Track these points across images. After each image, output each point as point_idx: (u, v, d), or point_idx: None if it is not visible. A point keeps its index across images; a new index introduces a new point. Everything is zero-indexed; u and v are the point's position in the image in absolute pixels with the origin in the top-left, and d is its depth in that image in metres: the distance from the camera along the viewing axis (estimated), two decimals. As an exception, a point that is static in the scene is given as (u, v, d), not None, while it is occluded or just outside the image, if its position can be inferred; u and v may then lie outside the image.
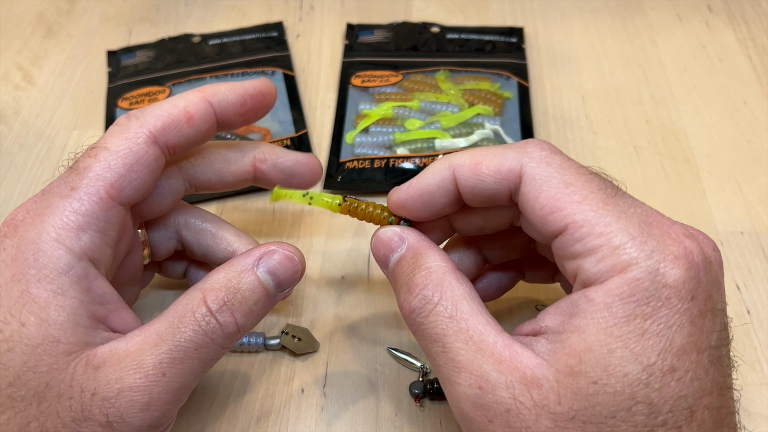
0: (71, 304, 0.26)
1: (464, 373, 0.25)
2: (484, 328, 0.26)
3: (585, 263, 0.25)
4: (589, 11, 0.57)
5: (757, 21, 0.56)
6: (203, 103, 0.31)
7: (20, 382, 0.25)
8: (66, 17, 0.58)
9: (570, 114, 0.50)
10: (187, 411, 0.35)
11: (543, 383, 0.24)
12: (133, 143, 0.29)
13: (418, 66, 0.52)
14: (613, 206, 0.25)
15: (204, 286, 0.28)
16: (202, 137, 0.31)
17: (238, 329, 0.28)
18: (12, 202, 0.45)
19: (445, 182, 0.29)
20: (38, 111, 0.51)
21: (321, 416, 0.35)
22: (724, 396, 0.24)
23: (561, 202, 0.26)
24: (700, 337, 0.24)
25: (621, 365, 0.23)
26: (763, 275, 0.40)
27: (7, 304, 0.26)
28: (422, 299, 0.27)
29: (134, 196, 0.29)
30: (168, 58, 0.53)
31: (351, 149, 0.47)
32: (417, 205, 0.30)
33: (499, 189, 0.28)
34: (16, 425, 0.26)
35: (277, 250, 0.29)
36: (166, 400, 0.27)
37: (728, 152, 0.47)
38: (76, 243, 0.27)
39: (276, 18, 0.57)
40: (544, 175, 0.26)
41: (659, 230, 0.25)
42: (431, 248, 0.29)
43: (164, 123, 0.30)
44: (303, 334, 0.37)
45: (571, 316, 0.25)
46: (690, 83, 0.51)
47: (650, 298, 0.24)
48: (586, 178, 0.26)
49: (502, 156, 0.27)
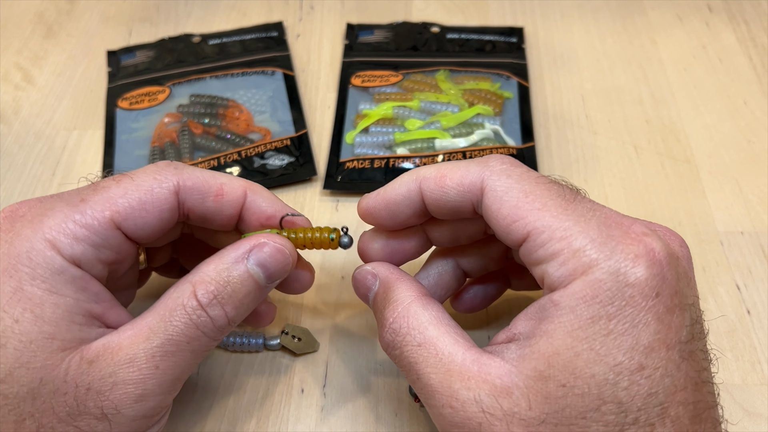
0: (66, 302, 0.26)
1: (437, 396, 0.26)
2: (453, 348, 0.27)
3: (549, 268, 0.25)
4: (589, 11, 0.57)
5: (757, 21, 0.56)
6: (240, 191, 0.31)
7: (13, 379, 0.25)
8: (66, 17, 0.58)
9: (570, 114, 0.49)
10: (187, 411, 0.35)
11: (513, 390, 0.25)
12: (158, 186, 0.29)
13: (418, 66, 0.52)
14: (572, 211, 0.26)
15: (194, 279, 0.28)
16: (220, 218, 0.31)
17: (229, 322, 0.29)
18: (12, 202, 0.45)
19: (411, 193, 0.30)
20: (38, 111, 0.51)
21: (321, 416, 0.35)
22: (700, 391, 0.25)
23: (522, 211, 0.26)
24: (669, 334, 0.24)
25: (587, 367, 0.24)
26: (763, 275, 0.40)
27: (1, 300, 0.26)
28: (392, 333, 0.28)
29: (136, 232, 0.29)
30: (168, 58, 0.53)
31: (351, 149, 0.47)
32: (383, 214, 0.31)
33: (462, 201, 0.28)
34: (10, 422, 0.26)
35: (267, 243, 0.29)
36: (160, 390, 0.27)
37: (728, 152, 0.47)
38: (69, 250, 0.27)
39: (276, 18, 0.57)
40: (504, 186, 0.27)
41: (619, 231, 0.25)
42: (399, 279, 0.30)
43: (195, 185, 0.30)
44: (303, 334, 0.37)
45: (539, 321, 0.25)
46: (690, 83, 0.51)
47: (613, 298, 0.24)
48: (545, 186, 0.27)
49: (465, 170, 0.28)
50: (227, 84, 0.51)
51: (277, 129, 0.48)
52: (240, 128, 0.48)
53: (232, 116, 0.49)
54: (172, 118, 0.49)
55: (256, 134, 0.48)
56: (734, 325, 0.38)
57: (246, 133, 0.48)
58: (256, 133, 0.48)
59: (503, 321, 0.38)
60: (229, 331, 0.29)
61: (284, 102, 0.50)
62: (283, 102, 0.50)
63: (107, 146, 0.48)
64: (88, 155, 0.47)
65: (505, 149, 0.45)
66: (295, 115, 0.49)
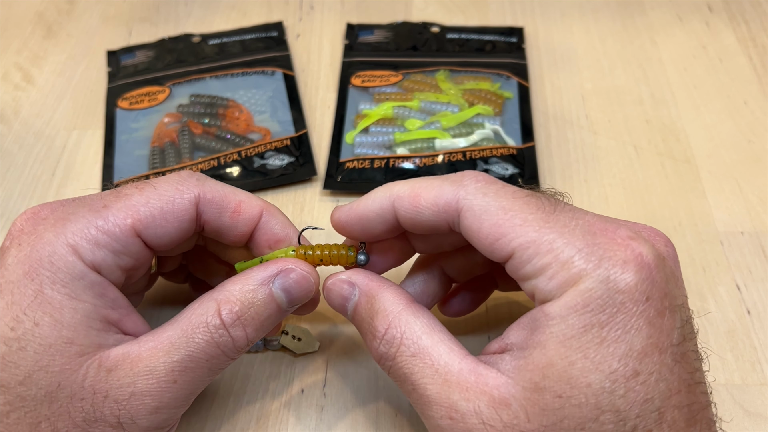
0: (85, 308, 0.27)
1: (435, 407, 0.26)
2: (448, 357, 0.26)
3: (539, 283, 0.25)
4: (589, 11, 0.57)
5: (758, 21, 0.56)
6: (257, 211, 0.31)
7: (31, 381, 0.25)
8: (66, 17, 0.58)
9: (570, 114, 0.49)
10: (187, 411, 0.34)
11: (511, 402, 0.24)
12: (179, 196, 0.29)
13: (418, 66, 0.52)
14: (554, 222, 0.26)
15: (219, 297, 0.28)
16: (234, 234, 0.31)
17: (248, 343, 0.29)
18: (12, 202, 0.45)
19: (384, 211, 0.29)
20: (38, 111, 0.51)
21: (321, 416, 0.35)
22: (694, 392, 0.25)
23: (503, 228, 0.26)
24: (661, 337, 0.24)
25: (583, 376, 0.23)
26: (763, 275, 0.40)
27: (21, 302, 0.26)
28: (386, 344, 0.28)
29: (155, 241, 0.29)
30: (168, 58, 0.53)
31: (351, 149, 0.47)
32: (356, 228, 0.30)
33: (437, 221, 0.28)
34: (26, 425, 0.26)
35: (295, 269, 0.30)
36: (175, 405, 0.27)
37: (728, 152, 0.47)
38: (90, 255, 0.27)
39: (276, 18, 0.57)
40: (482, 205, 0.27)
41: (604, 238, 0.25)
42: (382, 287, 0.29)
43: (214, 198, 0.30)
44: (303, 334, 0.37)
45: (532, 332, 0.25)
46: (690, 83, 0.51)
47: (605, 306, 0.24)
48: (523, 200, 0.27)
49: (439, 189, 0.28)
50: (227, 84, 0.51)
51: (277, 129, 0.48)
52: (240, 128, 0.48)
53: (232, 116, 0.49)
54: (172, 118, 0.49)
55: (256, 134, 0.48)
56: (734, 325, 0.38)
57: (246, 133, 0.48)
58: (256, 133, 0.48)
59: (503, 325, 0.38)
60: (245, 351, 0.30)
61: (284, 102, 0.50)
62: (283, 102, 0.50)
63: (107, 146, 0.47)
64: (88, 155, 0.47)
65: (505, 149, 0.45)
66: (295, 115, 0.49)
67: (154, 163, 0.46)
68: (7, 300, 0.26)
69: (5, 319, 0.26)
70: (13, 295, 0.26)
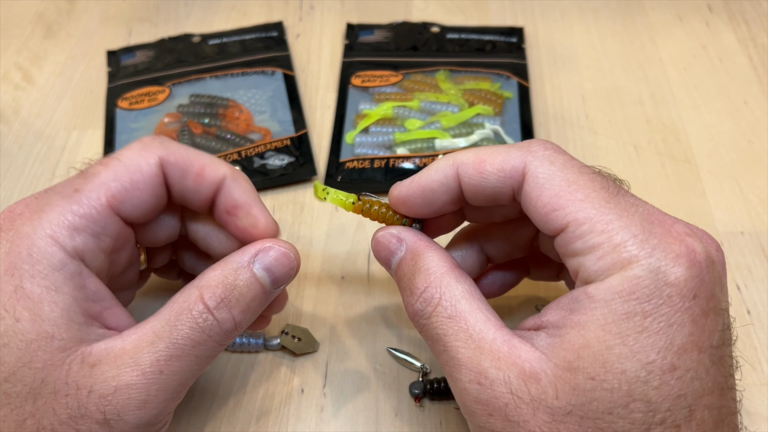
0: (65, 300, 0.26)
1: (464, 370, 0.26)
2: (483, 326, 0.26)
3: (586, 261, 0.25)
4: (589, 11, 0.57)
5: (758, 21, 0.56)
6: (219, 175, 0.30)
7: (16, 378, 0.25)
8: (66, 17, 0.58)
9: (570, 114, 0.49)
10: (186, 411, 0.35)
11: (541, 377, 0.24)
12: (145, 162, 0.29)
13: (418, 66, 0.52)
14: (615, 204, 0.25)
15: (200, 284, 0.28)
16: (198, 199, 0.30)
17: (236, 326, 0.28)
18: (12, 202, 0.44)
19: (448, 179, 0.29)
20: (38, 111, 0.51)
21: (321, 416, 0.35)
22: (725, 396, 0.24)
23: (563, 200, 0.26)
24: (702, 336, 0.24)
25: (619, 362, 0.23)
26: (763, 275, 0.40)
27: (1, 299, 0.26)
28: (423, 302, 0.28)
29: (133, 213, 0.29)
30: (168, 58, 0.53)
31: (351, 149, 0.47)
32: (418, 202, 0.30)
33: (503, 187, 0.28)
34: (12, 422, 0.25)
35: (273, 247, 0.29)
36: (164, 397, 0.27)
37: (728, 152, 0.47)
38: (70, 242, 0.27)
39: (276, 18, 0.57)
40: (547, 173, 0.26)
41: (661, 228, 0.25)
42: (429, 248, 0.29)
43: (178, 161, 0.29)
44: (303, 334, 0.37)
45: (571, 312, 0.25)
46: (690, 83, 0.51)
47: (651, 296, 0.23)
48: (589, 176, 0.26)
49: (506, 154, 0.27)
50: (227, 84, 0.51)
51: (277, 129, 0.48)
52: (240, 128, 0.48)
53: (232, 116, 0.49)
54: (172, 118, 0.49)
55: (256, 134, 0.48)
56: (734, 325, 0.37)
57: (246, 133, 0.48)
58: (256, 133, 0.48)
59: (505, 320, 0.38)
60: (235, 337, 0.29)
61: (284, 102, 0.50)
62: (283, 102, 0.50)
63: (107, 146, 0.47)
64: (88, 155, 0.47)
65: (505, 149, 0.45)
66: (295, 115, 0.49)
67: (154, 163, 0.46)
68: None
69: None
70: None
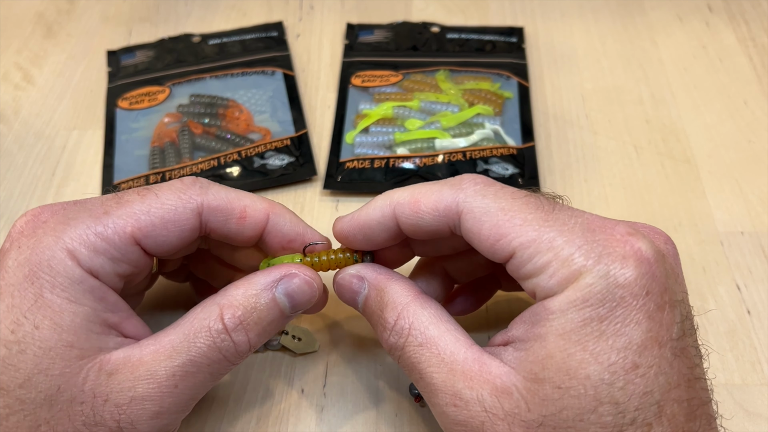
0: (85, 311, 0.26)
1: (441, 394, 0.26)
2: (454, 347, 0.27)
3: (540, 281, 0.25)
4: (589, 11, 0.57)
5: (758, 21, 0.56)
6: (263, 214, 0.31)
7: (31, 385, 0.25)
8: (66, 17, 0.58)
9: (570, 114, 0.49)
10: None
11: (512, 391, 0.25)
12: (182, 206, 0.29)
13: (418, 66, 0.52)
14: (554, 221, 0.26)
15: (222, 302, 0.28)
16: (242, 239, 0.31)
17: (250, 348, 0.29)
18: (12, 202, 0.45)
19: (385, 218, 0.29)
20: (38, 111, 0.51)
21: (321, 416, 0.35)
22: (693, 387, 0.25)
23: (504, 229, 0.26)
24: (660, 331, 0.24)
25: (582, 368, 0.24)
26: (763, 275, 0.40)
27: (21, 305, 0.26)
28: (396, 335, 0.28)
29: (155, 249, 0.29)
30: (168, 58, 0.53)
31: (351, 149, 0.47)
32: (359, 238, 0.30)
33: (439, 225, 0.28)
34: (25, 428, 0.26)
35: (298, 275, 0.30)
36: (176, 410, 0.27)
37: (728, 152, 0.47)
38: (87, 261, 0.27)
39: (276, 18, 0.57)
40: (482, 206, 0.27)
41: (603, 234, 0.25)
42: (391, 279, 0.30)
43: (219, 206, 0.30)
44: (303, 334, 0.37)
45: (532, 325, 0.26)
46: (690, 83, 0.51)
47: (604, 300, 0.24)
48: (522, 201, 0.27)
49: (439, 194, 0.28)
50: (227, 84, 0.51)
51: (277, 129, 0.48)
52: (240, 128, 0.48)
53: (232, 116, 0.49)
54: (172, 118, 0.49)
55: (256, 134, 0.48)
56: (734, 325, 0.38)
57: (246, 133, 0.48)
58: (256, 133, 0.48)
59: (503, 323, 0.38)
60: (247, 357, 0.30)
61: (284, 102, 0.50)
62: (283, 102, 0.50)
63: (107, 146, 0.47)
64: (88, 155, 0.47)
65: (505, 149, 0.45)
66: (295, 115, 0.49)
67: (154, 163, 0.46)
68: (7, 303, 0.26)
69: (5, 322, 0.26)
70: (14, 298, 0.26)
